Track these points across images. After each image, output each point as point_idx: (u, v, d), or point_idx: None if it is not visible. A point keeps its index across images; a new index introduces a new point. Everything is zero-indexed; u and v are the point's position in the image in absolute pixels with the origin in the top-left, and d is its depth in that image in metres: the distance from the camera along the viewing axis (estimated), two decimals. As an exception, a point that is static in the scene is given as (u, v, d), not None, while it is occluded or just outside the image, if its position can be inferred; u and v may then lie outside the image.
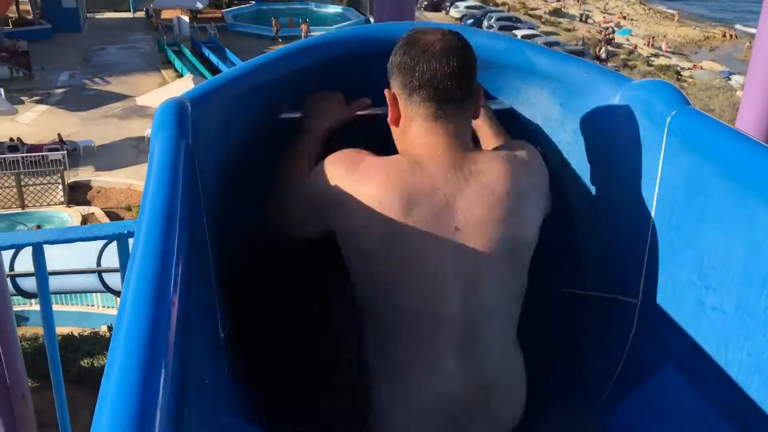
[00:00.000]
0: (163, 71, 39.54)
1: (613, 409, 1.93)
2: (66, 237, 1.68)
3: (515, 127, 2.21)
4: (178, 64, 39.34)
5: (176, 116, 1.61)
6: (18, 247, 1.64)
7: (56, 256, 10.67)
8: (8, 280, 9.84)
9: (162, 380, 0.93)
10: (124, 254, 1.81)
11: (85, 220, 22.66)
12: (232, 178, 2.00)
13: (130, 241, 1.78)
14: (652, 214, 1.84)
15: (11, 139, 27.72)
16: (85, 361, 15.31)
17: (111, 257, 10.56)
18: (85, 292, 11.10)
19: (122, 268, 1.86)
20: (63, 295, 16.00)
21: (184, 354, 1.07)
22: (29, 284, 11.03)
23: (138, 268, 1.07)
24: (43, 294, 1.97)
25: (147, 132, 27.55)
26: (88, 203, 24.81)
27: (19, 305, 14.74)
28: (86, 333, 16.92)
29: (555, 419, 2.04)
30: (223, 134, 1.90)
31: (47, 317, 2.23)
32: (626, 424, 1.87)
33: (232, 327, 1.79)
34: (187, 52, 41.58)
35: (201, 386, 1.32)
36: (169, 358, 0.97)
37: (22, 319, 15.85)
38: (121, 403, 0.87)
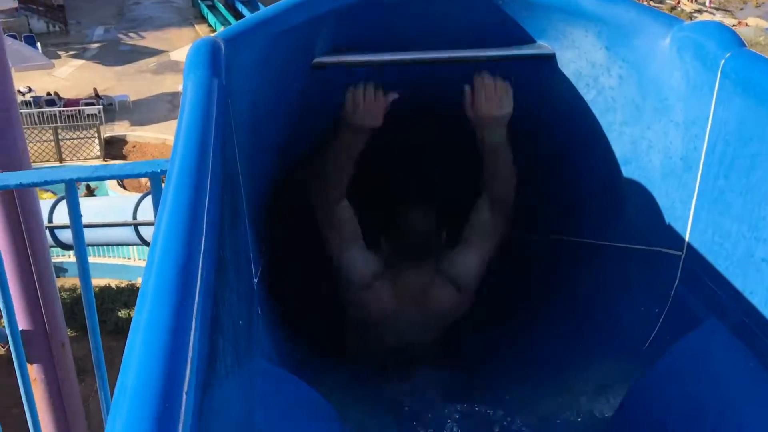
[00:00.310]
0: (196, 26, 39.41)
1: (653, 362, 1.89)
2: (98, 174, 1.65)
3: (557, 74, 2.13)
4: (211, 18, 39.17)
5: (209, 56, 1.57)
6: (50, 183, 1.63)
7: (93, 209, 10.84)
8: (47, 231, 9.96)
9: (194, 315, 0.90)
10: (156, 192, 1.79)
11: (121, 174, 22.92)
12: (264, 121, 1.96)
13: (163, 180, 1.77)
14: (701, 161, 1.76)
15: (48, 93, 28.03)
16: (122, 312, 15.65)
17: (146, 211, 10.69)
18: (122, 245, 11.29)
19: (155, 205, 1.84)
20: (100, 247, 16.31)
21: (218, 292, 1.05)
22: (67, 236, 11.21)
23: (170, 205, 1.04)
24: (77, 230, 1.96)
25: (180, 87, 27.44)
26: (123, 158, 25.06)
27: (58, 257, 15.06)
28: (123, 285, 17.25)
29: (593, 370, 2.00)
30: (256, 75, 1.85)
31: (81, 255, 2.23)
32: (667, 376, 1.82)
33: (263, 273, 1.77)
34: (220, 6, 41.34)
35: (235, 327, 1.31)
36: (200, 296, 0.94)
37: (61, 270, 16.19)
38: (152, 338, 0.85)
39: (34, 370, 7.77)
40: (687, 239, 1.83)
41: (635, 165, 2.03)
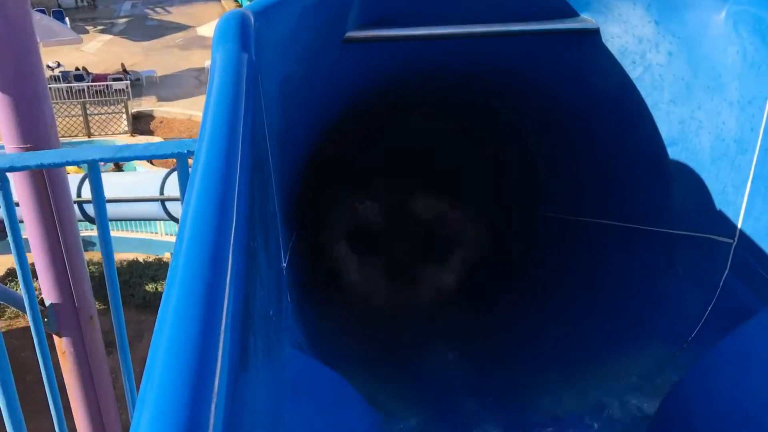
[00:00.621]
0: (222, 1, 39.30)
1: (699, 353, 1.80)
2: (122, 155, 1.59)
3: (600, 50, 2.03)
4: (238, -7, 39.06)
5: (239, 28, 1.49)
6: (72, 164, 1.57)
7: (120, 185, 10.90)
8: (75, 206, 10.00)
9: (224, 309, 0.84)
10: (183, 174, 1.72)
11: (148, 149, 23.03)
12: (295, 98, 1.89)
13: (190, 161, 1.70)
14: (758, 144, 1.65)
15: (77, 68, 28.20)
16: (150, 286, 15.81)
17: (173, 187, 10.72)
18: (149, 219, 11.36)
19: (181, 188, 1.77)
20: (128, 222, 16.44)
21: (248, 283, 0.98)
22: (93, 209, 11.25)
23: (198, 193, 0.97)
24: (100, 210, 1.92)
25: (207, 63, 27.55)
26: (151, 133, 25.19)
27: (87, 231, 15.22)
28: (150, 259, 17.41)
29: (633, 361, 1.92)
30: (286, 50, 1.77)
31: (104, 234, 2.18)
32: (715, 372, 1.73)
33: (292, 255, 1.71)
34: (246, -19, 41.19)
35: (266, 319, 1.25)
36: (230, 288, 0.88)
37: (90, 244, 16.36)
38: (180, 332, 0.79)
39: (63, 343, 7.87)
40: (739, 226, 1.73)
41: (683, 146, 1.92)
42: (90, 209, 11.18)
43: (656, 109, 1.91)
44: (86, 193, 10.78)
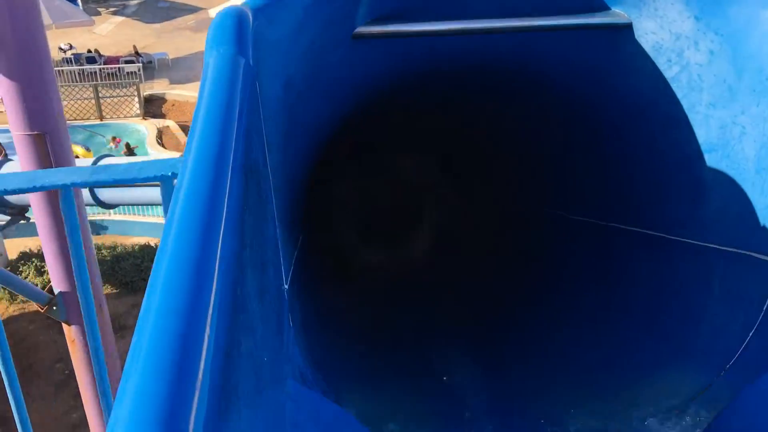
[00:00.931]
0: (235, -18, 39.02)
1: (740, 381, 1.64)
2: (97, 178, 1.44)
3: (633, 46, 1.86)
4: (250, -26, 38.70)
5: (235, 29, 1.34)
6: (42, 189, 1.42)
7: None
8: (86, 191, 9.94)
9: (204, 350, 0.72)
10: (167, 198, 1.57)
11: (160, 133, 22.94)
12: (299, 103, 1.74)
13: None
14: None
15: (89, 51, 28.09)
16: (162, 270, 15.78)
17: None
18: (160, 204, 11.30)
19: (166, 215, 1.63)
20: (140, 206, 16.39)
21: (234, 330, 0.85)
22: (107, 195, 11.29)
23: (179, 224, 0.83)
24: (74, 240, 1.78)
25: (219, 45, 27.29)
26: (162, 116, 25.07)
27: (97, 215, 15.17)
28: (162, 243, 17.40)
29: (663, 385, 1.77)
30: (289, 51, 1.62)
31: (80, 263, 2.05)
32: (760, 400, 1.58)
33: (295, 273, 1.57)
34: (259, -38, 40.76)
35: (256, 357, 1.11)
36: (212, 330, 0.75)
37: (102, 228, 16.35)
38: (154, 364, 0.69)
39: (72, 332, 7.83)
40: None
41: (723, 153, 1.76)
42: (102, 193, 11.13)
43: (693, 112, 1.75)
44: (97, 178, 10.75)
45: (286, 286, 1.48)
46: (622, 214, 2.06)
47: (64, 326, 7.32)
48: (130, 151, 20.18)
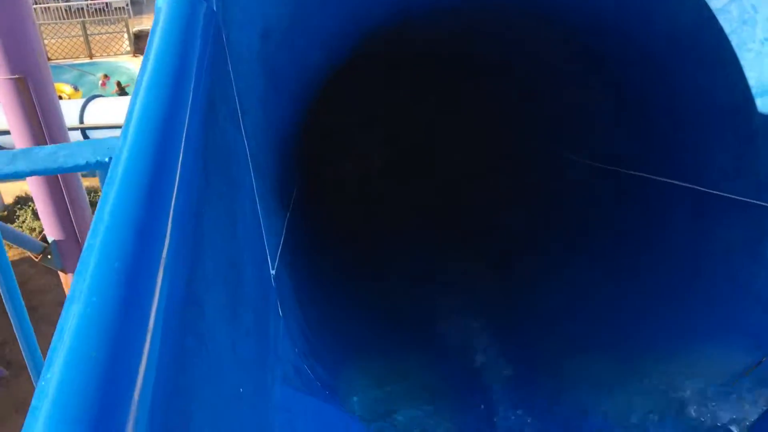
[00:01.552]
0: None
1: None
2: (13, 170, 1.19)
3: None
4: None
5: None
6: None
7: (123, 111, 10.61)
8: (78, 132, 9.63)
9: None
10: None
11: (152, 69, 22.34)
12: (281, 50, 1.48)
13: None
14: None
15: (74, -14, 27.21)
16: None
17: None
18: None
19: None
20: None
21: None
22: (100, 136, 11.08)
23: (109, 221, 0.63)
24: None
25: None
26: (154, 52, 24.41)
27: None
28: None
29: (703, 362, 1.58)
30: None
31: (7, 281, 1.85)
32: None
33: (285, 257, 1.37)
34: None
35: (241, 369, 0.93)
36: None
37: (92, 172, 16.05)
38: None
39: (69, 279, 7.73)
40: None
41: None
42: (93, 135, 10.86)
43: (744, 50, 1.51)
44: (88, 119, 10.45)
45: (273, 272, 1.28)
46: (660, 164, 1.83)
47: (61, 274, 7.22)
48: (122, 91, 19.65)
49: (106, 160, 1.16)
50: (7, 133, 9.93)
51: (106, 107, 10.21)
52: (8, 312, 2.21)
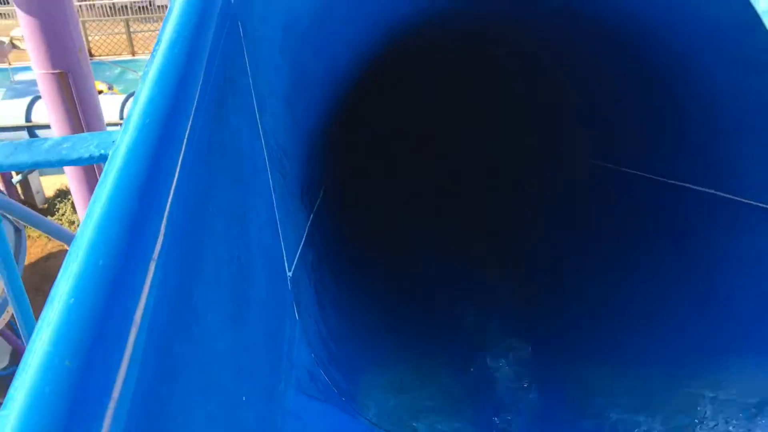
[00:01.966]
0: None
1: None
2: (15, 161, 1.17)
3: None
4: None
5: None
6: None
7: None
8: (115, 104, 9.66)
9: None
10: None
11: (192, 67, 22.63)
12: (306, 48, 1.44)
13: None
14: None
15: (120, -16, 27.69)
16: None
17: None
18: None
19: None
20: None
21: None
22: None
23: (101, 216, 0.60)
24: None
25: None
26: (195, 50, 24.70)
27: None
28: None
29: (742, 374, 1.50)
30: None
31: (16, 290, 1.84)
32: None
33: (305, 255, 1.33)
34: None
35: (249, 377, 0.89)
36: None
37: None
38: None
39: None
40: None
41: None
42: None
43: None
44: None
45: (290, 274, 1.24)
46: (692, 171, 1.75)
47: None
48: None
49: (110, 153, 1.13)
50: (47, 127, 10.14)
51: (146, 103, 10.41)
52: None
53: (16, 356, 10.10)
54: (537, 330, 2.18)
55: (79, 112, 6.51)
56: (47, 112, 6.32)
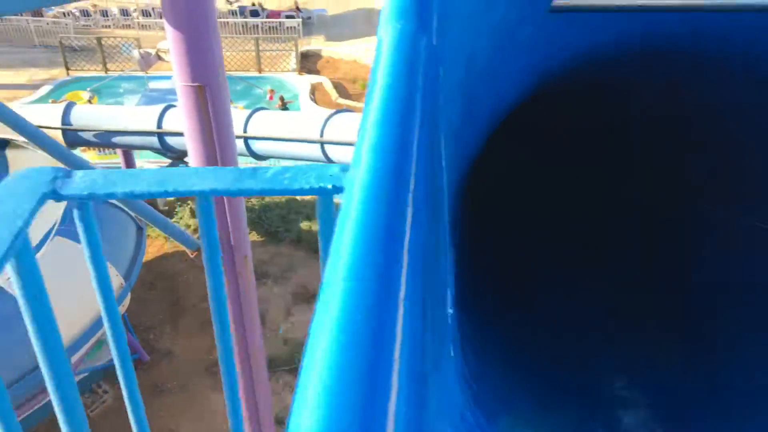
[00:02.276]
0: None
1: None
2: (240, 187, 1.21)
3: None
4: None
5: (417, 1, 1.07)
6: (178, 195, 1.24)
7: (284, 123, 11.08)
8: (240, 141, 10.14)
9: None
10: (324, 216, 1.31)
11: (313, 89, 23.40)
12: (478, 82, 1.46)
13: (337, 201, 1.33)
14: None
15: (253, 4, 29.10)
16: (304, 223, 16.21)
17: (334, 129, 10.70)
18: (308, 160, 11.45)
19: (323, 229, 1.37)
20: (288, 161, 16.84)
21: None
22: (260, 146, 11.54)
23: (350, 265, 0.61)
24: (210, 239, 1.58)
25: (377, 3, 27.55)
26: (317, 72, 25.55)
27: (250, 164, 15.72)
28: (307, 198, 17.82)
29: None
30: (476, 25, 1.34)
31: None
32: None
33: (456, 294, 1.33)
34: None
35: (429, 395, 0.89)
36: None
37: (252, 177, 16.93)
38: None
39: (217, 279, 8.02)
40: None
41: None
42: (254, 144, 11.42)
43: None
44: (252, 130, 11.04)
45: (451, 311, 1.24)
46: None
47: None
48: (284, 105, 20.75)
49: (329, 186, 1.19)
50: (178, 134, 10.68)
51: (269, 120, 10.74)
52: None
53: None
54: (683, 401, 2.08)
55: (213, 124, 6.82)
56: (182, 122, 6.63)
